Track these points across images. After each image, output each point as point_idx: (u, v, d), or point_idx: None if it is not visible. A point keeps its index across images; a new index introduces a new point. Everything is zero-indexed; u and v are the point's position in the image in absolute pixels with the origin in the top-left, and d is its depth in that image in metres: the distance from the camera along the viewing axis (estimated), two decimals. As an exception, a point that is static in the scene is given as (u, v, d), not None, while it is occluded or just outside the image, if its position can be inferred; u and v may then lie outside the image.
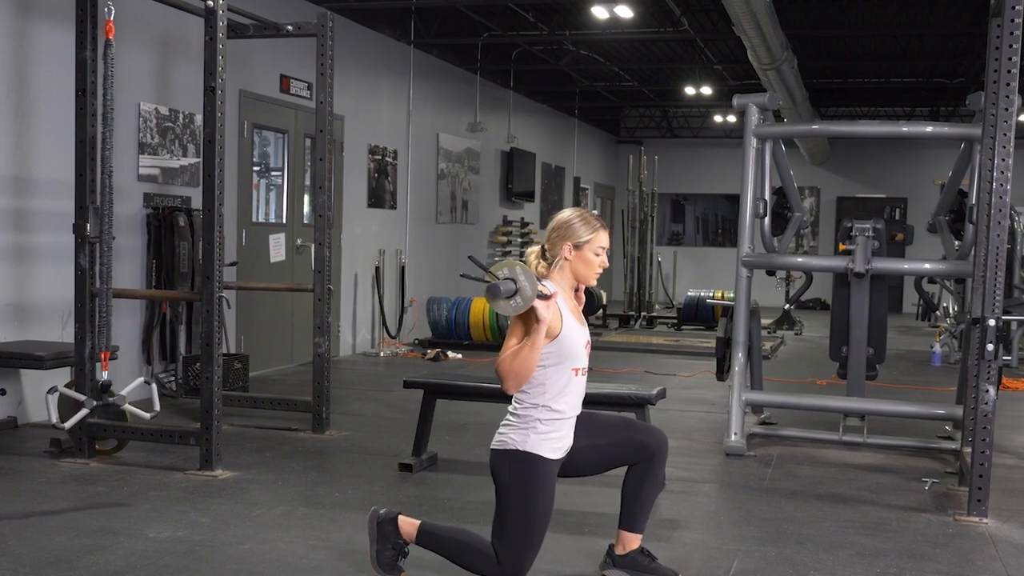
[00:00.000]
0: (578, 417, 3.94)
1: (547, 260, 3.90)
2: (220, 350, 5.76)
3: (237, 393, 7.62)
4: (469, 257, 3.84)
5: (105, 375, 5.42)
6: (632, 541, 4.10)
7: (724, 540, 4.71)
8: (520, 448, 3.75)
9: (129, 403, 5.48)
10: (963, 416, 5.97)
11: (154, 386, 5.51)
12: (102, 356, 5.43)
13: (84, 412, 5.40)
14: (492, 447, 3.84)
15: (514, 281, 3.59)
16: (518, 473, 3.74)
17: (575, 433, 3.91)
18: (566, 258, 3.85)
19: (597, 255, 3.87)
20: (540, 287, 3.63)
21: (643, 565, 4.09)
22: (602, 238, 3.88)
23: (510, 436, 3.78)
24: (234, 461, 5.84)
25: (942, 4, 11.46)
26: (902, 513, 5.20)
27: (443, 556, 3.92)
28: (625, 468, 4.09)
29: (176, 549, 4.30)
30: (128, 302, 7.58)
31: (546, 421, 3.76)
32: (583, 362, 3.86)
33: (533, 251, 3.95)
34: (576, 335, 3.82)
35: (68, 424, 5.33)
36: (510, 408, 3.85)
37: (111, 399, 5.38)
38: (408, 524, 3.96)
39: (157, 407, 5.43)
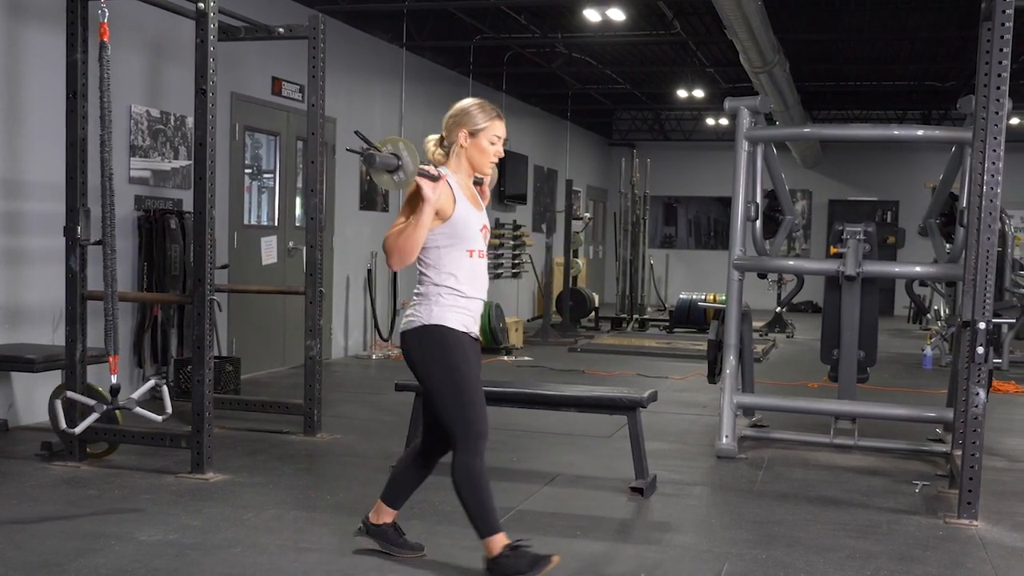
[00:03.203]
0: (477, 358, 4.05)
1: (444, 148, 4.03)
2: (211, 353, 5.76)
3: (229, 396, 7.60)
4: (355, 132, 3.97)
5: (113, 379, 5.35)
6: (388, 515, 4.29)
7: (715, 543, 4.71)
8: (427, 322, 3.90)
9: (139, 406, 5.43)
10: (954, 419, 5.98)
11: (165, 389, 5.40)
12: (111, 360, 5.35)
13: (94, 416, 5.31)
14: (401, 330, 4.00)
15: (397, 156, 3.68)
16: (431, 345, 3.90)
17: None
18: (462, 145, 3.98)
19: (492, 143, 4.00)
20: (427, 168, 3.75)
21: (393, 539, 4.29)
22: (498, 127, 4.01)
23: (415, 313, 3.94)
24: (225, 464, 5.83)
25: (933, 8, 11.49)
26: (893, 516, 5.21)
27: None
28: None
29: (167, 552, 4.29)
30: (120, 305, 7.53)
31: (447, 296, 3.91)
32: (479, 245, 3.99)
33: (432, 138, 4.08)
34: (471, 218, 3.95)
35: (78, 429, 5.26)
36: (414, 291, 3.99)
37: (121, 403, 5.33)
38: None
39: (169, 410, 5.30)
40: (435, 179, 3.76)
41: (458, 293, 3.91)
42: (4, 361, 6.32)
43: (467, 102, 4.03)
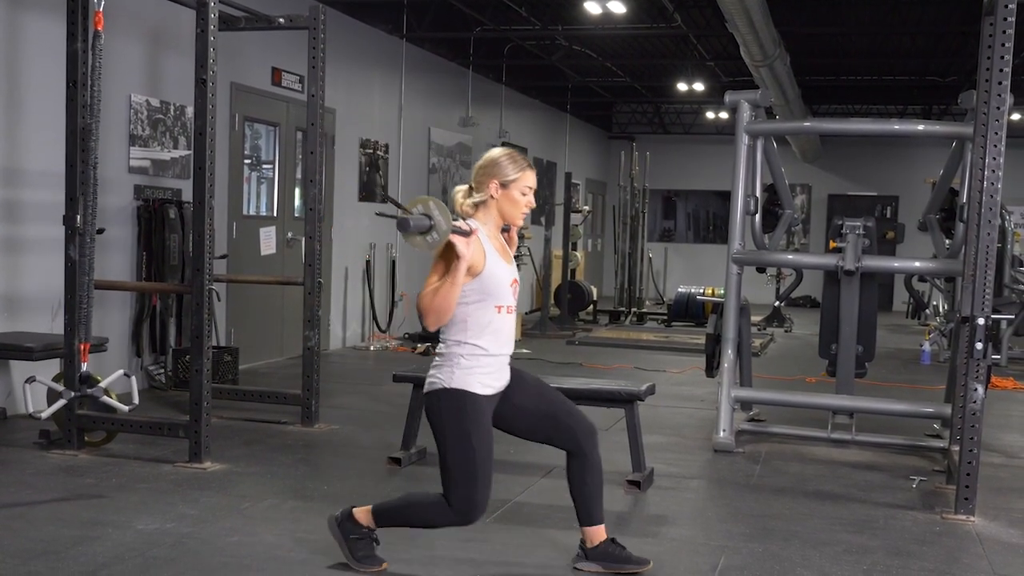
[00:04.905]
0: (523, 379, 4.00)
1: (474, 199, 3.91)
2: (210, 343, 5.76)
3: (227, 386, 7.61)
4: (384, 194, 3.87)
5: (84, 367, 5.41)
6: (597, 534, 4.12)
7: (711, 536, 4.72)
8: (447, 386, 3.80)
9: (108, 395, 5.47)
10: (951, 415, 5.99)
11: (133, 379, 5.50)
12: (81, 348, 5.43)
13: (61, 402, 5.40)
14: (424, 391, 3.90)
15: (429, 216, 3.61)
16: (449, 411, 3.80)
17: (513, 387, 3.95)
18: (492, 196, 3.88)
19: (524, 194, 3.90)
20: (459, 224, 3.65)
21: (614, 555, 4.11)
22: (529, 177, 3.91)
23: (437, 376, 3.84)
24: (223, 454, 5.83)
25: (935, 2, 11.48)
26: (889, 511, 5.21)
27: (404, 525, 3.99)
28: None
29: (164, 541, 4.29)
30: (118, 294, 7.56)
31: (469, 356, 3.80)
32: (508, 300, 3.89)
33: (460, 189, 3.97)
34: (501, 273, 3.85)
35: (44, 414, 5.33)
36: (437, 349, 3.89)
37: (90, 390, 5.38)
38: (363, 513, 4.03)
39: (136, 400, 5.44)
40: (467, 234, 3.67)
41: (483, 351, 3.81)
42: (3, 349, 6.32)
43: (497, 153, 3.92)
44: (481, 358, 3.81)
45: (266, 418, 6.93)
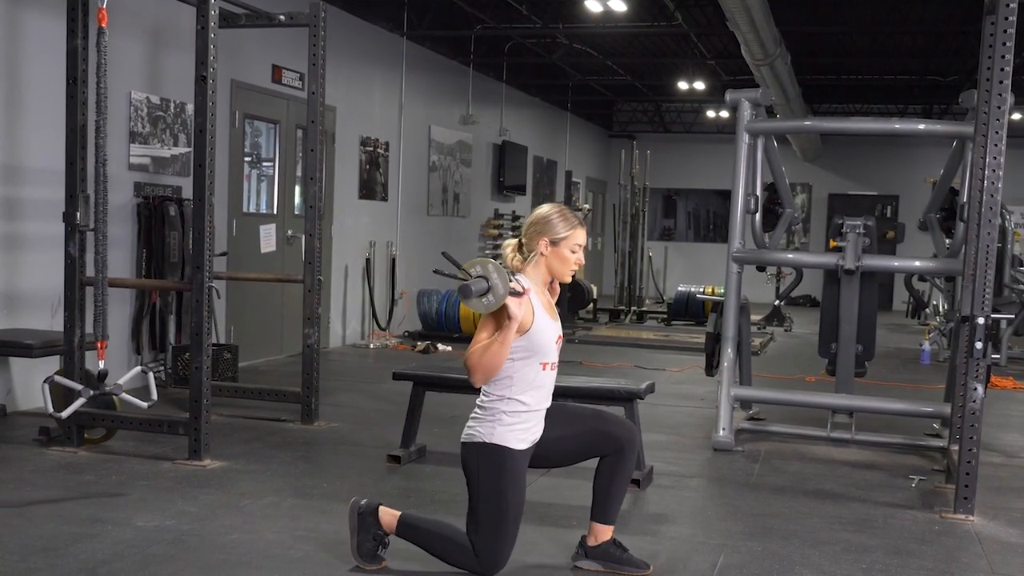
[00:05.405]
0: (548, 408, 3.98)
1: (523, 254, 3.93)
2: (210, 340, 5.75)
3: (226, 383, 7.60)
4: (442, 253, 3.87)
5: (101, 364, 5.39)
6: (604, 532, 4.11)
7: (710, 535, 4.72)
8: (487, 440, 3.81)
9: (125, 392, 5.46)
10: (951, 414, 5.99)
11: (151, 375, 5.47)
12: (99, 345, 5.39)
13: (81, 401, 5.37)
14: (461, 440, 3.90)
15: (486, 279, 3.62)
16: (487, 465, 3.80)
17: (544, 423, 3.95)
18: (542, 253, 3.90)
19: (573, 252, 3.92)
20: (513, 284, 3.66)
21: (615, 556, 4.09)
22: (579, 235, 3.93)
23: (477, 429, 3.84)
24: (223, 451, 5.83)
25: (936, 1, 11.48)
26: (889, 510, 5.21)
27: (422, 548, 3.97)
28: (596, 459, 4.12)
29: (164, 538, 4.29)
30: (118, 291, 7.54)
31: (511, 413, 3.81)
32: (553, 357, 3.91)
33: (510, 244, 3.98)
34: (548, 330, 3.87)
35: (65, 413, 5.31)
36: (477, 400, 3.90)
37: (107, 388, 5.36)
38: (389, 515, 4.00)
39: (154, 396, 5.40)
40: (520, 295, 3.68)
41: (525, 407, 3.84)
42: (2, 346, 6.32)
43: (547, 210, 3.94)
44: (523, 414, 3.84)
45: (266, 416, 6.93)
